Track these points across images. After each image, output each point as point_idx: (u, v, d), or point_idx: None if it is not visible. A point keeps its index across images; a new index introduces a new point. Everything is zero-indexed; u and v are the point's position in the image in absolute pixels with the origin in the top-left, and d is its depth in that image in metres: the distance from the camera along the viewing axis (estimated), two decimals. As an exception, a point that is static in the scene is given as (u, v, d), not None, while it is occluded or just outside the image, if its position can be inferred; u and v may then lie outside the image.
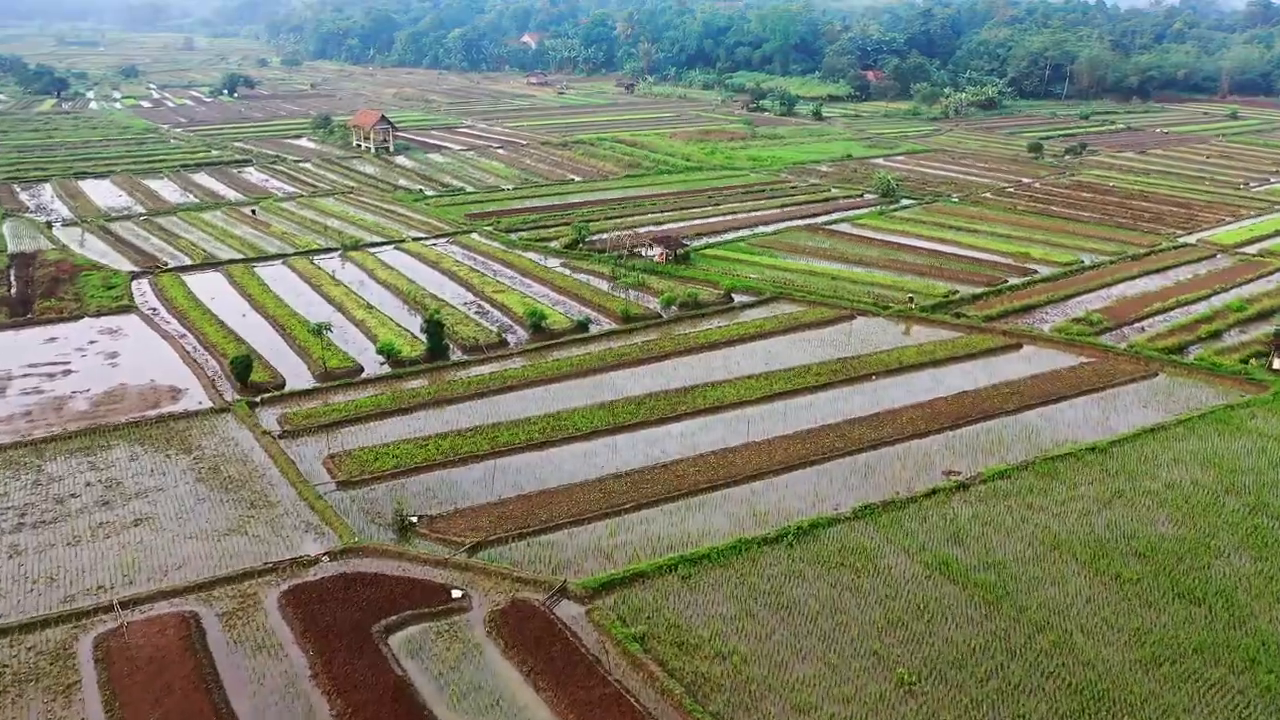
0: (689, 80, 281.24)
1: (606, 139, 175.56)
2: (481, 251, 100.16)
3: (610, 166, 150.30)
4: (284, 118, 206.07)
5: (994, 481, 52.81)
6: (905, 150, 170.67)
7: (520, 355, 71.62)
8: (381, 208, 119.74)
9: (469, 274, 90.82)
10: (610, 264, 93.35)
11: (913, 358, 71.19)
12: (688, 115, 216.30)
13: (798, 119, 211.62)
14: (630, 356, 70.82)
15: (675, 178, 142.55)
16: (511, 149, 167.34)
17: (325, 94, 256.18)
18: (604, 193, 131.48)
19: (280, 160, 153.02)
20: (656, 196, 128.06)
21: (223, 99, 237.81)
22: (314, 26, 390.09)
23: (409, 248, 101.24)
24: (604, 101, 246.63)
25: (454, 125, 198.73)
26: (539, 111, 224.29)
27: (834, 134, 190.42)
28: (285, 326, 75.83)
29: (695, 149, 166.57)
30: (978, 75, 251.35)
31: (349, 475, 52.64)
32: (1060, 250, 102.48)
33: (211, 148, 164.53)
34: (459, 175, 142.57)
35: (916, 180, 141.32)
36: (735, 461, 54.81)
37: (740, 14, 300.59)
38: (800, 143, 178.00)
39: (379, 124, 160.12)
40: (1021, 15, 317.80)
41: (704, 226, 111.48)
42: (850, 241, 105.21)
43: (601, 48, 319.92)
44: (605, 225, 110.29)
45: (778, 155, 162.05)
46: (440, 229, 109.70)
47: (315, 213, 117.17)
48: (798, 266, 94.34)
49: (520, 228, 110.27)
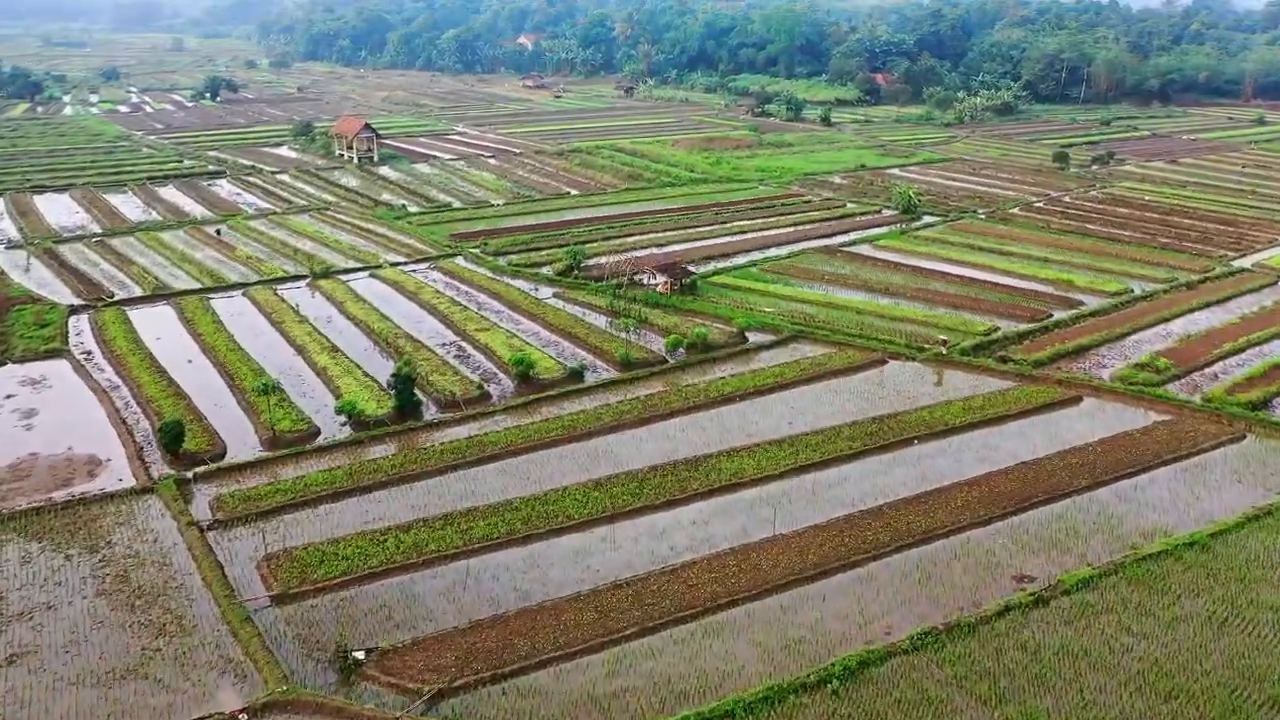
0: (690, 83, 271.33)
1: (605, 147, 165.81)
2: (466, 279, 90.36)
3: (609, 178, 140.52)
4: (266, 124, 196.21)
5: (1078, 593, 43.02)
6: (921, 160, 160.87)
7: (504, 412, 61.85)
8: (359, 227, 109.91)
9: (450, 308, 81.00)
10: (609, 295, 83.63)
11: (958, 415, 61.43)
12: (690, 120, 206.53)
13: (805, 125, 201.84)
14: (631, 415, 61.05)
15: (678, 191, 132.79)
16: (504, 158, 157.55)
17: (312, 98, 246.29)
18: (602, 208, 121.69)
19: (256, 171, 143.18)
20: (659, 213, 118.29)
21: (204, 103, 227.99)
22: (305, 27, 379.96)
23: (386, 275, 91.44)
24: (602, 105, 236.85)
25: (444, 132, 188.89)
26: (534, 116, 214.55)
27: (845, 141, 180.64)
28: (235, 375, 66.03)
29: (699, 158, 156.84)
30: (991, 78, 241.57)
31: (287, 586, 42.87)
32: (1105, 277, 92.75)
33: (184, 157, 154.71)
34: (446, 188, 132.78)
35: (937, 194, 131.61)
36: (760, 563, 45.04)
37: (743, 14, 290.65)
38: (810, 151, 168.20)
39: (362, 132, 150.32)
40: (1033, 15, 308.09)
41: (711, 248, 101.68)
42: (872, 267, 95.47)
43: (600, 49, 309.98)
44: (603, 247, 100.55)
45: (787, 165, 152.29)
46: (422, 252, 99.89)
47: (287, 233, 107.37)
48: (817, 298, 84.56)
49: (510, 250, 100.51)
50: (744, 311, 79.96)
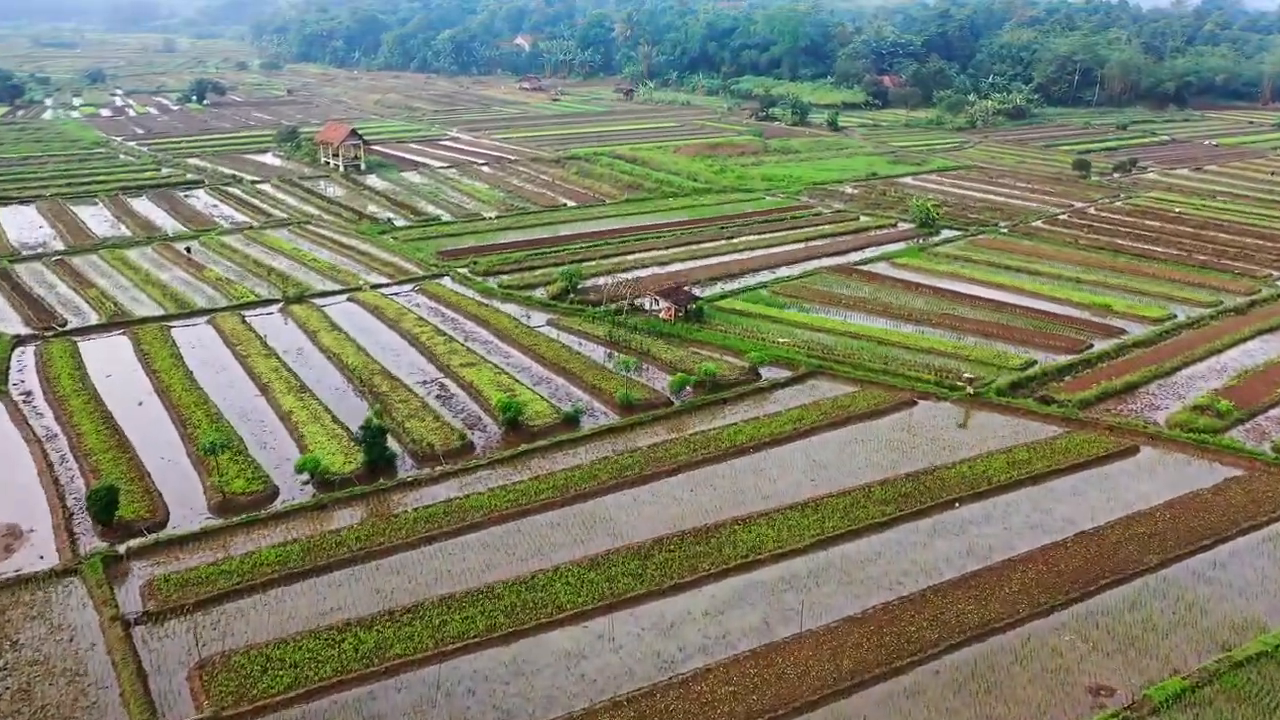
0: (692, 85, 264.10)
1: (604, 154, 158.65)
2: (452, 304, 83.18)
3: (607, 188, 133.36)
4: (252, 129, 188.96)
5: (1170, 712, 35.97)
6: (935, 167, 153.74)
7: (489, 466, 54.69)
8: (341, 243, 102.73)
9: (433, 338, 73.83)
10: (607, 323, 76.58)
11: (1002, 471, 54.31)
12: (692, 125, 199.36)
13: (811, 129, 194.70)
14: (632, 471, 53.88)
15: (681, 202, 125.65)
16: (498, 166, 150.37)
17: (302, 101, 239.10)
18: (600, 221, 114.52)
19: (236, 181, 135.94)
20: (661, 227, 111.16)
21: (190, 107, 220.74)
22: (298, 28, 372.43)
23: (366, 299, 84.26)
24: (601, 109, 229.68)
25: (436, 137, 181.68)
26: (530, 120, 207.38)
27: (853, 147, 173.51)
28: (188, 422, 58.88)
29: (702, 166, 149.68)
30: (1001, 81, 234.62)
31: (220, 706, 35.72)
32: (1144, 300, 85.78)
33: (162, 165, 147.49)
34: (436, 199, 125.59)
35: (955, 205, 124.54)
36: (786, 671, 37.93)
37: (745, 15, 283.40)
38: (818, 158, 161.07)
39: (348, 139, 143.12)
40: (1041, 15, 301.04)
41: (717, 268, 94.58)
42: (892, 288, 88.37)
43: (599, 50, 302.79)
44: (601, 266, 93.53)
45: (794, 173, 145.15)
46: (406, 272, 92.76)
47: (262, 250, 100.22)
48: (834, 325, 77.45)
49: (501, 269, 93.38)
50: (756, 343, 72.89)
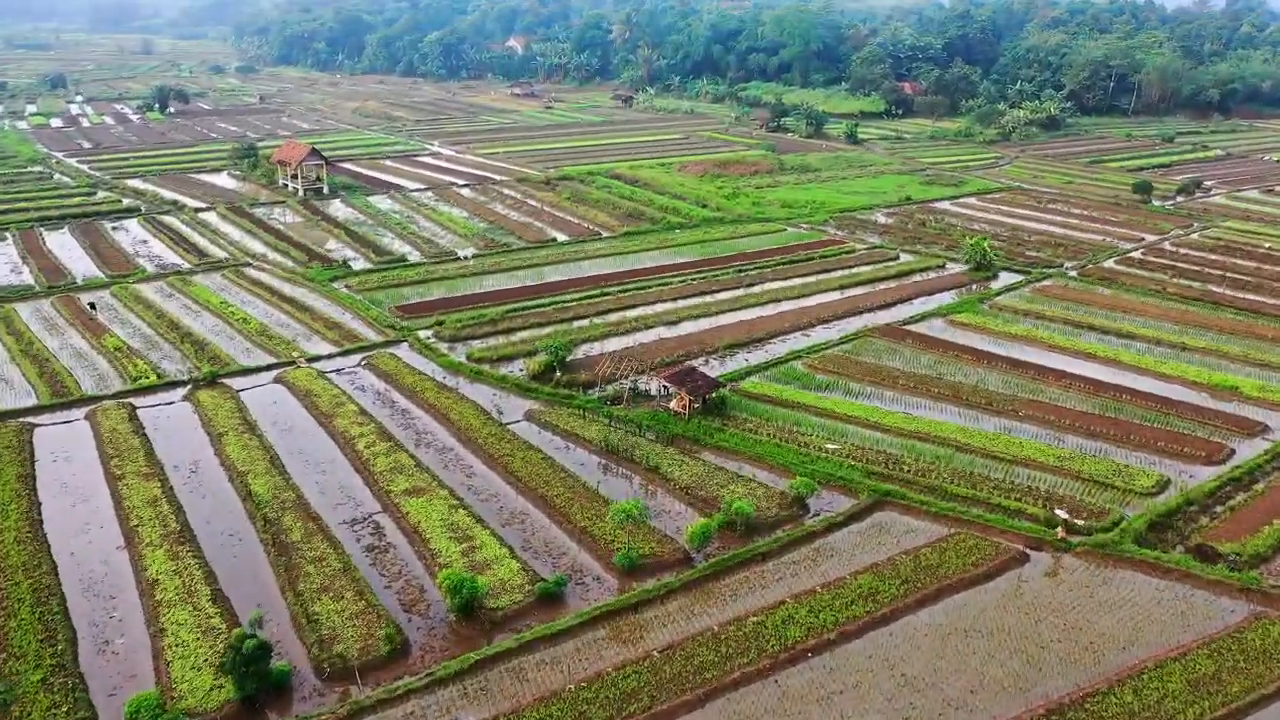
0: (695, 91, 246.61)
1: (600, 173, 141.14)
2: (406, 387, 65.65)
3: (604, 217, 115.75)
4: (212, 142, 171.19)
5: None
6: (974, 189, 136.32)
7: (425, 692, 37.20)
8: (281, 295, 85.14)
9: (374, 445, 56.28)
10: (602, 420, 59.25)
11: (1180, 694, 36.85)
12: (698, 138, 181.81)
13: (829, 142, 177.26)
14: (640, 702, 36.39)
15: (689, 236, 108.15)
16: (480, 189, 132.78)
17: (274, 109, 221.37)
18: (595, 262, 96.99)
19: (177, 208, 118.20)
20: (667, 270, 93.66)
21: (150, 117, 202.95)
22: (279, 29, 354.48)
23: (298, 379, 66.68)
24: (598, 119, 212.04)
25: (415, 152, 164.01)
26: (520, 132, 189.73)
27: (877, 164, 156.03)
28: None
29: (711, 188, 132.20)
30: (1029, 87, 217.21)
31: None
32: (1275, 375, 68.54)
33: (99, 188, 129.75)
34: (405, 232, 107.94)
35: (1006, 238, 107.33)
36: None
37: (753, 16, 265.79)
38: (840, 178, 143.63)
39: (308, 159, 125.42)
40: (1064, 16, 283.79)
41: (738, 329, 77.14)
42: (957, 359, 70.98)
43: (596, 53, 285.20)
44: (595, 328, 76.22)
45: (816, 198, 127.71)
46: (355, 337, 75.17)
47: (184, 304, 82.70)
48: (895, 421, 60.04)
49: (473, 332, 75.90)
50: (797, 451, 55.59)
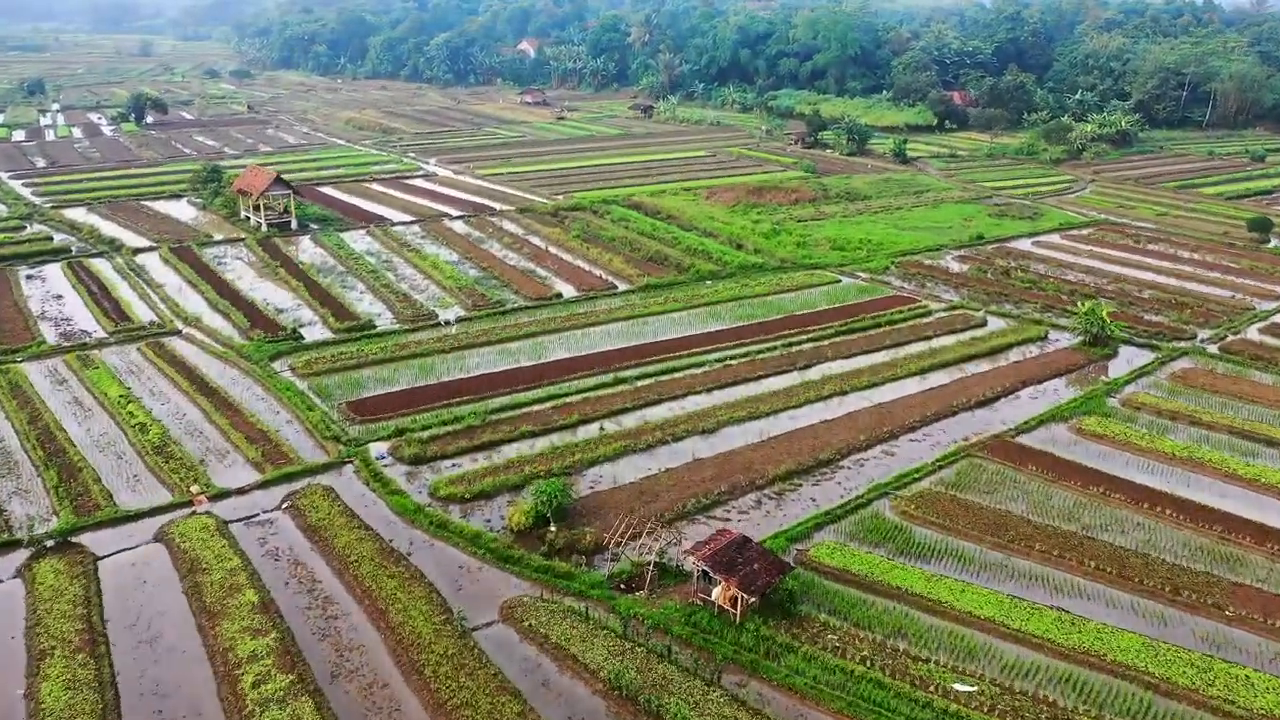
0: (721, 99, 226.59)
1: (616, 201, 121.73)
2: (338, 552, 46.29)
3: (620, 263, 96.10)
4: (183, 160, 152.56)
5: None
6: (1056, 223, 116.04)
7: None
8: (205, 383, 65.86)
9: (263, 686, 36.88)
10: (613, 629, 39.81)
11: None
12: (726, 155, 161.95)
13: (874, 161, 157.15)
14: None
15: (724, 291, 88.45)
16: (475, 222, 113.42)
17: (261, 120, 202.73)
18: (608, 330, 77.41)
19: (114, 249, 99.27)
20: (697, 344, 73.97)
21: (124, 128, 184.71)
22: (279, 30, 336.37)
23: (187, 537, 47.44)
24: (614, 131, 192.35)
25: (407, 173, 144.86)
26: (528, 148, 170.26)
27: (934, 188, 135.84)
28: None
29: (746, 222, 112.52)
30: (1091, 97, 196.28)
31: None
32: None
33: (33, 219, 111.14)
34: (379, 283, 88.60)
35: (1111, 291, 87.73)
36: None
37: (783, 18, 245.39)
38: (894, 207, 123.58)
39: (272, 188, 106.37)
40: (1118, 18, 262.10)
41: (797, 443, 57.50)
42: (1102, 496, 51.42)
43: (613, 57, 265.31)
44: (609, 442, 56.77)
45: (871, 235, 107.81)
46: (284, 455, 55.85)
47: (77, 395, 63.74)
48: (1046, 632, 40.32)
49: (442, 448, 56.62)
50: (910, 695, 36.01)
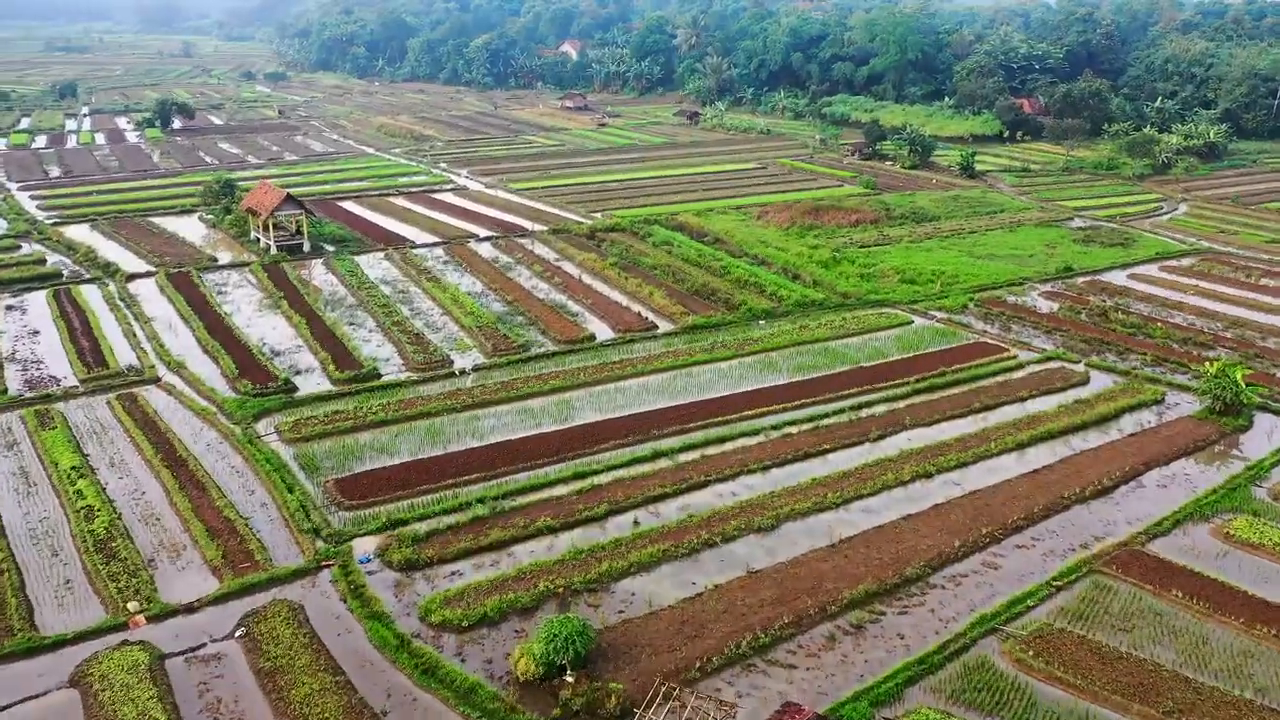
0: (771, 105, 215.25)
1: (658, 221, 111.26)
2: (298, 705, 36.17)
3: (661, 298, 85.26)
4: (203, 170, 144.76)
5: None
6: (1152, 252, 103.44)
7: None
8: (171, 452, 56.25)
9: None
10: None
11: None
12: (778, 170, 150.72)
13: (939, 174, 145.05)
14: None
15: (780, 334, 77.32)
16: (504, 244, 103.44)
17: (290, 126, 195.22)
18: (646, 384, 66.75)
19: (108, 274, 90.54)
20: (750, 405, 63.06)
21: (148, 134, 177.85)
22: (318, 31, 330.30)
23: (109, 680, 37.41)
24: (658, 139, 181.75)
25: (436, 186, 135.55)
26: (566, 158, 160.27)
27: (1009, 208, 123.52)
28: None
29: (803, 247, 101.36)
30: (1173, 106, 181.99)
31: None
32: None
33: (30, 237, 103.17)
34: (391, 320, 78.80)
35: (1229, 339, 75.37)
36: None
37: (838, 19, 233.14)
38: (966, 230, 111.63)
39: (282, 207, 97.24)
40: (1195, 19, 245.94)
41: (875, 550, 46.49)
42: (1266, 637, 39.86)
43: (658, 60, 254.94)
44: (643, 544, 46.24)
45: (943, 263, 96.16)
46: (249, 555, 45.87)
47: (23, 464, 54.35)
48: None
49: (440, 551, 46.30)
50: None
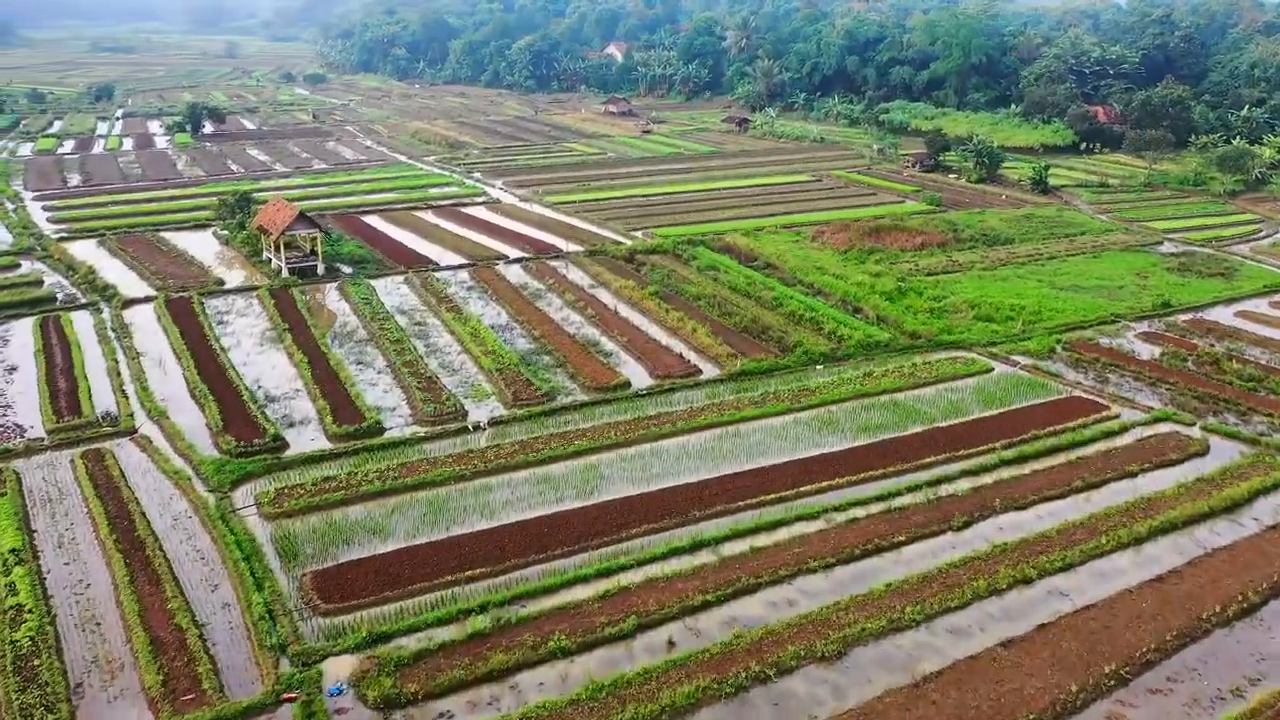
0: (824, 111, 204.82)
1: (704, 242, 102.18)
2: None
3: (705, 336, 75.65)
4: (228, 178, 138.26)
5: None
6: (1259, 285, 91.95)
7: None
8: (130, 534, 48.10)
9: None
10: None
11: None
12: (833, 182, 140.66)
13: (1008, 190, 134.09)
14: None
15: (841, 385, 67.45)
16: (535, 268, 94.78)
17: (323, 131, 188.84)
18: (686, 445, 57.51)
19: (105, 299, 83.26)
20: (807, 473, 53.44)
21: (178, 139, 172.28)
22: (360, 32, 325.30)
23: None
24: (705, 148, 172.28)
25: (467, 198, 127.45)
26: (607, 168, 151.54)
27: (1090, 229, 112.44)
28: None
29: (863, 276, 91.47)
30: (1259, 114, 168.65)
31: None
32: None
33: (32, 254, 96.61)
34: (402, 360, 70.32)
35: (1378, 403, 64.12)
36: None
37: (896, 22, 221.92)
38: (1044, 255, 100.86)
39: (294, 226, 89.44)
40: (1278, 21, 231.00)
41: (967, 696, 36.71)
42: None
43: (706, 64, 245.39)
44: (685, 678, 36.92)
45: (1023, 297, 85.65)
46: (187, 685, 37.19)
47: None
48: None
49: (425, 685, 37.30)
50: None
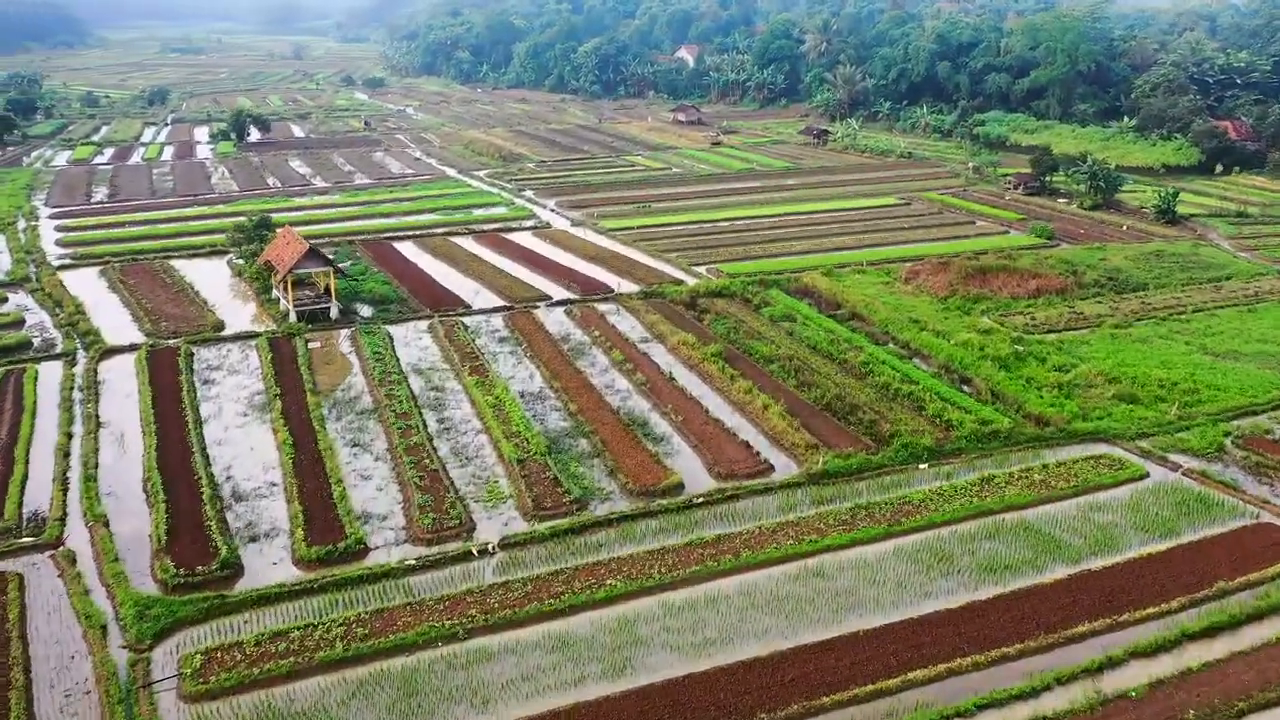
0: (912, 122, 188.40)
1: (778, 282, 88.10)
2: None
3: (777, 415, 61.25)
4: (262, 194, 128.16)
5: None
6: None
7: None
8: (0, 711, 36.32)
9: None
10: None
11: None
12: (924, 206, 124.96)
13: (1128, 218, 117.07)
14: None
15: (953, 491, 52.79)
16: (580, 313, 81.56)
17: (373, 140, 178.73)
18: (752, 594, 43.52)
19: (85, 347, 72.59)
20: (917, 643, 39.18)
21: (220, 148, 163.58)
22: (424, 34, 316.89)
23: None
24: (780, 163, 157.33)
25: (516, 221, 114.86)
26: (671, 186, 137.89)
27: (1236, 271, 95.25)
28: None
29: (971, 335, 76.15)
30: None
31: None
32: None
33: (24, 285, 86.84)
34: (403, 441, 57.74)
35: None
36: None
37: (992, 25, 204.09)
38: (1186, 306, 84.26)
39: (304, 263, 77.60)
40: None
41: None
42: None
43: (782, 68, 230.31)
44: None
45: (1171, 370, 69.63)
46: None
47: None
48: None
49: None
50: None
